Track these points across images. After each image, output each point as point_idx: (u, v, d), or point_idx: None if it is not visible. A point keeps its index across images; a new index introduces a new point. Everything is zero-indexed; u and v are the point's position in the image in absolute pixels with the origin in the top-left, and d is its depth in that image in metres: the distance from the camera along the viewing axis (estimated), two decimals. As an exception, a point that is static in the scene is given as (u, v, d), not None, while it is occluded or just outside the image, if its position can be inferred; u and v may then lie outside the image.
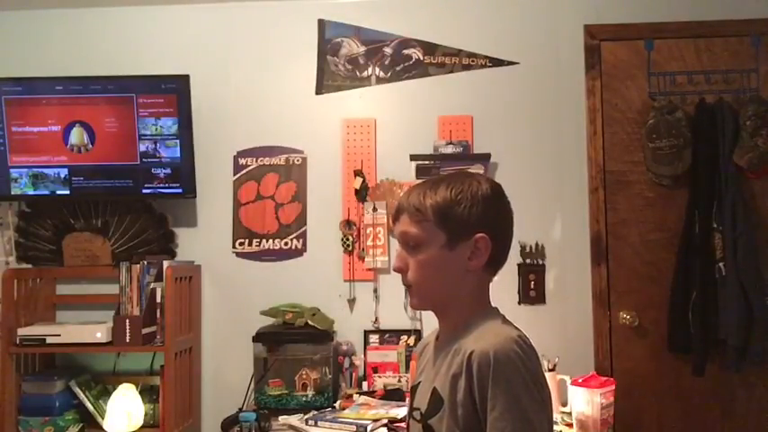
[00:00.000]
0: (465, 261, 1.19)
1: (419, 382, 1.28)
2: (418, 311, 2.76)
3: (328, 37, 2.91)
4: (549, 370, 2.41)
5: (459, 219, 1.17)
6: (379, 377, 2.62)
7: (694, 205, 2.63)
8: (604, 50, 2.80)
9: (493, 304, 1.27)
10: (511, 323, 1.22)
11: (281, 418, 2.36)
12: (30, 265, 2.86)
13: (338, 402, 2.48)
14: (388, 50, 2.89)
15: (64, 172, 2.74)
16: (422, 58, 2.88)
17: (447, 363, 1.17)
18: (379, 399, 2.47)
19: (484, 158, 2.74)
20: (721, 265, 2.56)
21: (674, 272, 2.65)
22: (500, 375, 1.06)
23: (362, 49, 2.90)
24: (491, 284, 1.27)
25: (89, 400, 2.66)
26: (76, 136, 2.73)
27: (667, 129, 2.62)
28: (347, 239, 2.81)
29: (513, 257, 2.77)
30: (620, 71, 2.79)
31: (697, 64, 2.76)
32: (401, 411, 2.29)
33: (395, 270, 1.24)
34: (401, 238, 1.22)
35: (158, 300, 2.62)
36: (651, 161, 2.68)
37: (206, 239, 2.89)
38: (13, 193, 2.75)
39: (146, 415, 2.56)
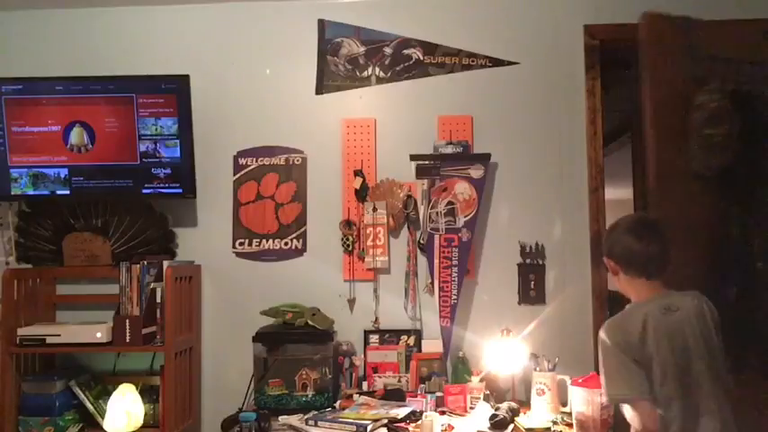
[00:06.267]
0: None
1: None
2: (417, 312, 2.77)
3: (328, 37, 2.91)
4: (549, 370, 2.41)
5: None
6: (379, 377, 2.62)
7: (731, 201, 2.45)
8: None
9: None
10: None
11: (281, 418, 2.36)
12: (30, 265, 2.86)
13: (338, 402, 2.48)
14: (388, 50, 2.89)
15: (64, 172, 2.74)
16: (422, 58, 2.88)
17: None
18: (379, 399, 2.47)
19: (484, 158, 2.74)
20: (760, 264, 2.43)
21: (708, 270, 2.42)
22: None
23: (362, 49, 2.90)
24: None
25: (89, 400, 2.67)
26: (76, 136, 2.73)
27: (723, 116, 2.38)
28: (347, 239, 2.81)
29: (513, 257, 2.78)
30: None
31: (738, 52, 2.50)
32: (401, 411, 2.29)
33: None
34: None
35: (158, 300, 2.63)
36: (700, 149, 2.40)
37: (206, 239, 2.89)
38: (13, 193, 2.75)
39: (146, 415, 2.56)
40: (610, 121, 4.65)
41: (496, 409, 2.27)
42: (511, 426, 2.23)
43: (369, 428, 2.15)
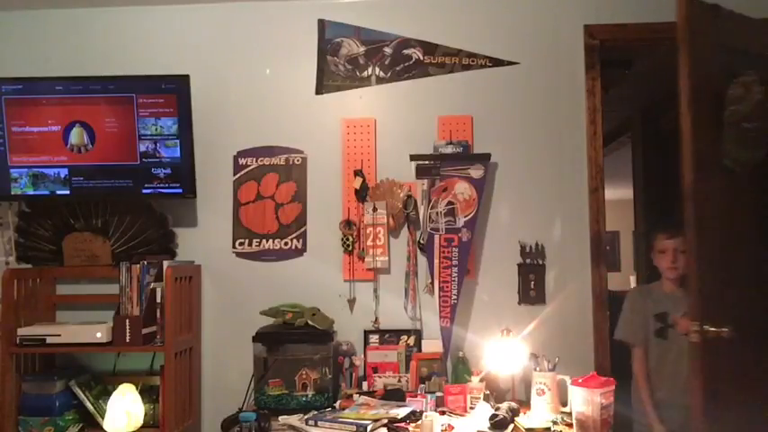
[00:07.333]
0: None
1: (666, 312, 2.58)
2: (417, 312, 2.78)
3: (328, 37, 2.91)
4: (549, 370, 2.41)
5: None
6: (379, 377, 2.62)
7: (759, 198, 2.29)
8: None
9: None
10: None
11: (281, 418, 2.36)
12: (30, 265, 2.86)
13: (338, 402, 2.48)
14: (388, 50, 2.89)
15: (64, 172, 2.74)
16: (422, 58, 2.88)
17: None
18: (379, 399, 2.47)
19: (484, 158, 2.74)
20: None
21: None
22: None
23: (362, 49, 2.90)
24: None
25: (89, 400, 2.67)
26: (76, 136, 2.73)
27: (762, 111, 2.19)
28: (347, 239, 2.81)
29: (513, 257, 2.78)
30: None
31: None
32: (401, 411, 2.29)
33: (676, 266, 2.55)
34: (680, 248, 2.51)
35: (158, 300, 2.63)
36: (735, 143, 2.21)
37: (206, 239, 2.89)
38: (13, 193, 2.75)
39: (146, 415, 2.56)
40: (610, 121, 4.67)
41: (496, 409, 2.27)
42: (511, 426, 2.23)
43: (369, 428, 2.15)
